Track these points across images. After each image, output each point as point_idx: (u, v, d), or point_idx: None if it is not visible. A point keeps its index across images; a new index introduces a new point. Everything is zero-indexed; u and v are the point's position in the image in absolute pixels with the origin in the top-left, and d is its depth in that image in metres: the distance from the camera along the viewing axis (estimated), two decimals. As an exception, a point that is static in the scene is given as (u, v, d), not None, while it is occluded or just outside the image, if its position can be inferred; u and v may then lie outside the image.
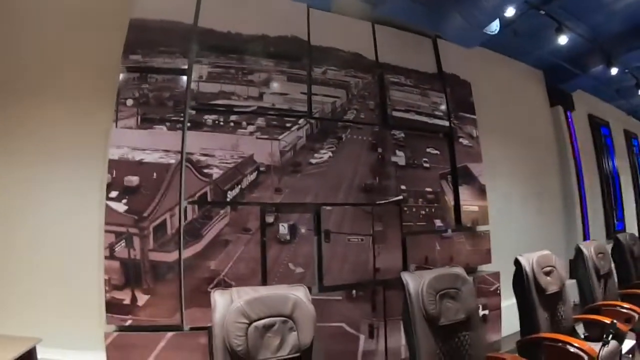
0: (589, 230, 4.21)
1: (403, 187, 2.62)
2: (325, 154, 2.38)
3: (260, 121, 2.22)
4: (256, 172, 2.16)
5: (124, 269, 1.86)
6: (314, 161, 2.34)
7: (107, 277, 1.83)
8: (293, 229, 2.18)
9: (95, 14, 2.20)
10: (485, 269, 2.95)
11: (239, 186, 2.11)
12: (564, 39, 3.27)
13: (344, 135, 2.48)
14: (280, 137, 2.26)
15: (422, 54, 2.97)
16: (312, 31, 2.49)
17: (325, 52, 2.52)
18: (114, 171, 1.90)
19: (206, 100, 2.14)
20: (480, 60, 3.51)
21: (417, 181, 2.70)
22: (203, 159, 2.05)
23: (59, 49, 2.15)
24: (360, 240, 2.38)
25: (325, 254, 2.25)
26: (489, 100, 3.43)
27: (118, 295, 1.84)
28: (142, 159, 1.96)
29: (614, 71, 3.80)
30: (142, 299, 1.86)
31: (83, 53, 2.15)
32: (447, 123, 2.94)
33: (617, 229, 4.86)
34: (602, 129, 5.03)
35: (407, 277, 1.72)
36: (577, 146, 4.33)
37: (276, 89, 2.32)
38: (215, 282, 1.96)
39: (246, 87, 2.24)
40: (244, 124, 2.18)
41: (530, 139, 4.07)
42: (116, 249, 1.86)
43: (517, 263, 2.18)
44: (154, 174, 1.96)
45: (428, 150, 2.82)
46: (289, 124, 2.30)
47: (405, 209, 2.59)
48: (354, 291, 2.29)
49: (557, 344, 1.83)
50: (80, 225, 2.03)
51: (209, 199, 2.04)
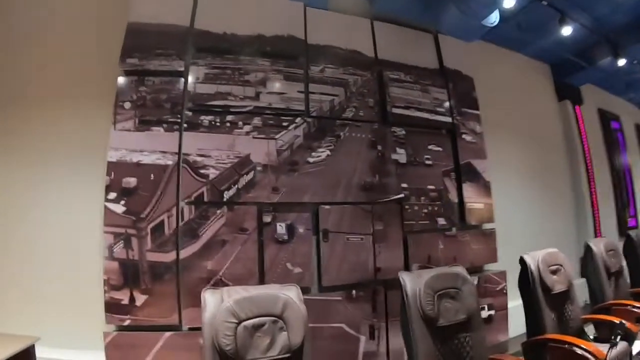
0: (600, 228, 4.08)
1: (404, 185, 2.58)
2: (323, 152, 2.36)
3: (257, 121, 2.22)
4: (253, 172, 2.15)
5: (122, 269, 1.88)
6: (311, 160, 2.32)
7: (106, 278, 1.86)
8: (291, 229, 2.17)
9: (94, 19, 2.23)
10: (491, 268, 2.89)
11: (236, 186, 2.11)
12: (567, 30, 3.18)
13: (342, 134, 2.46)
14: (277, 136, 2.25)
15: (423, 49, 2.93)
16: (309, 30, 2.48)
17: (322, 50, 2.51)
18: (113, 173, 1.93)
19: (203, 101, 2.14)
20: (483, 55, 3.43)
21: (419, 179, 2.66)
22: (199, 159, 2.06)
23: (59, 53, 2.19)
24: (360, 239, 2.35)
25: (323, 253, 2.22)
26: (494, 95, 3.36)
27: (117, 295, 1.85)
28: (139, 160, 1.98)
29: (621, 62, 3.68)
30: (141, 299, 1.88)
31: (82, 57, 2.18)
32: (449, 119, 2.89)
33: (630, 225, 4.70)
34: (612, 123, 4.88)
35: (405, 276, 1.67)
36: (586, 141, 4.21)
37: (273, 88, 2.31)
38: (212, 282, 1.96)
39: (242, 87, 2.24)
40: (240, 123, 2.18)
41: (538, 134, 3.97)
42: (115, 250, 1.88)
43: (522, 262, 2.12)
44: (152, 175, 1.98)
45: (430, 147, 2.77)
46: (285, 123, 2.29)
47: (406, 207, 2.55)
48: (354, 291, 2.26)
49: (564, 345, 1.77)
50: (80, 225, 2.06)
51: (205, 200, 2.04)
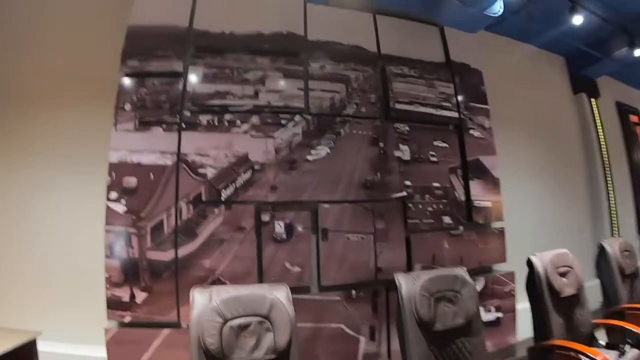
0: (618, 227, 3.88)
1: (408, 183, 2.52)
2: (322, 150, 2.33)
3: (255, 119, 2.21)
4: (251, 171, 2.15)
5: (123, 267, 1.91)
6: (310, 158, 2.30)
7: (107, 275, 1.90)
8: (289, 228, 2.16)
9: (94, 20, 2.27)
10: (499, 268, 2.79)
11: (234, 185, 2.11)
12: (578, 19, 3.02)
13: (342, 130, 2.42)
14: (275, 134, 2.23)
15: (428, 43, 2.83)
16: (309, 26, 2.44)
17: (323, 46, 2.47)
18: (114, 173, 1.97)
19: (201, 101, 2.15)
20: (493, 48, 3.30)
21: (423, 176, 2.59)
22: (197, 159, 2.07)
23: (60, 55, 2.25)
24: (360, 238, 2.31)
25: (323, 253, 2.20)
26: (504, 89, 3.22)
27: (117, 292, 1.89)
28: (139, 161, 2.00)
29: (638, 53, 3.47)
30: (141, 296, 1.91)
31: (83, 59, 2.23)
32: (456, 114, 2.79)
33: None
34: (631, 116, 4.63)
35: (400, 278, 1.64)
36: (603, 135, 4.00)
37: (272, 86, 2.29)
38: (210, 280, 1.97)
39: (241, 86, 2.23)
40: (238, 122, 2.18)
41: (552, 128, 3.79)
42: (115, 248, 1.92)
43: (530, 263, 2.04)
44: (151, 175, 2.00)
45: (435, 143, 2.69)
46: (284, 121, 2.27)
47: (410, 205, 2.49)
48: (354, 291, 2.23)
49: (569, 352, 1.69)
50: (82, 222, 2.12)
51: (203, 199, 2.05)
